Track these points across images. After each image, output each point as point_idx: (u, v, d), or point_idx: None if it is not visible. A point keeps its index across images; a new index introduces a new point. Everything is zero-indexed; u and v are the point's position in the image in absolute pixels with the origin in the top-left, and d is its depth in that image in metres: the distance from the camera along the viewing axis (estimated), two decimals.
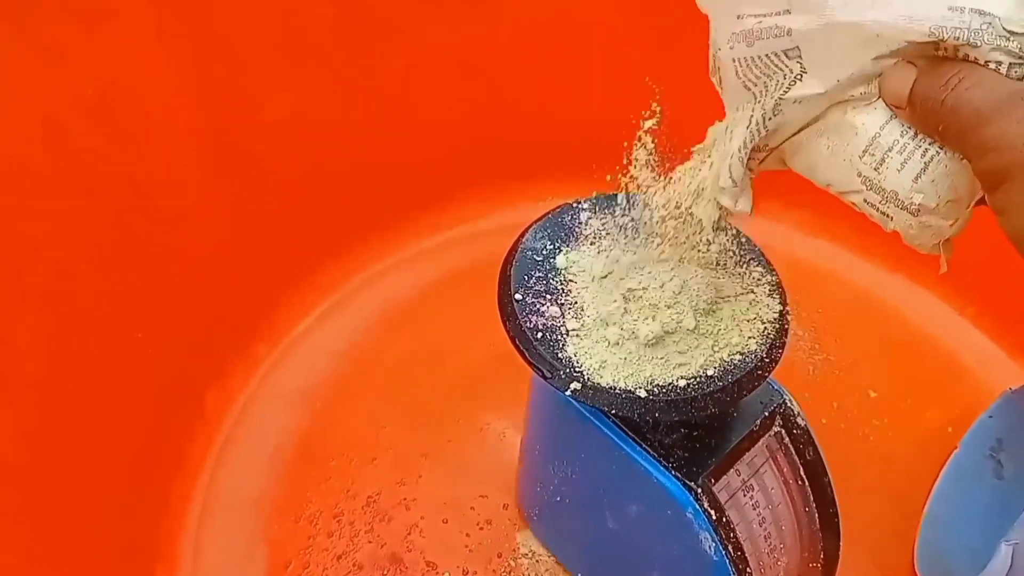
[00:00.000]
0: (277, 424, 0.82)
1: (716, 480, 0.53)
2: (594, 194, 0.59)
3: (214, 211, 0.84)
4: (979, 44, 0.38)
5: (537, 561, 0.72)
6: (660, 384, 0.49)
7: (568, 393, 0.50)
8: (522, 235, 0.57)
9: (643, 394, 0.49)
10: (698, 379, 0.50)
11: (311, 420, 0.82)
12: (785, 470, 0.56)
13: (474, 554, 0.73)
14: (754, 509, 0.55)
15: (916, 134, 0.42)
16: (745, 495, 0.54)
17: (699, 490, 0.52)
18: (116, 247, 0.75)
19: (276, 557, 0.73)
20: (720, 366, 0.50)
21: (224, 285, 0.84)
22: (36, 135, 0.69)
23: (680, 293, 0.51)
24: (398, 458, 0.79)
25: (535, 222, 0.57)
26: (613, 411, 0.50)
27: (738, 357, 0.51)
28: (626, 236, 0.55)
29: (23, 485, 0.64)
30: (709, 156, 0.50)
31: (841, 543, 0.60)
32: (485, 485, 0.77)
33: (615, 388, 0.49)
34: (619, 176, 0.53)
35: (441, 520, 0.75)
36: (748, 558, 0.54)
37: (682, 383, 0.49)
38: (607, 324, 0.51)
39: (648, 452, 0.54)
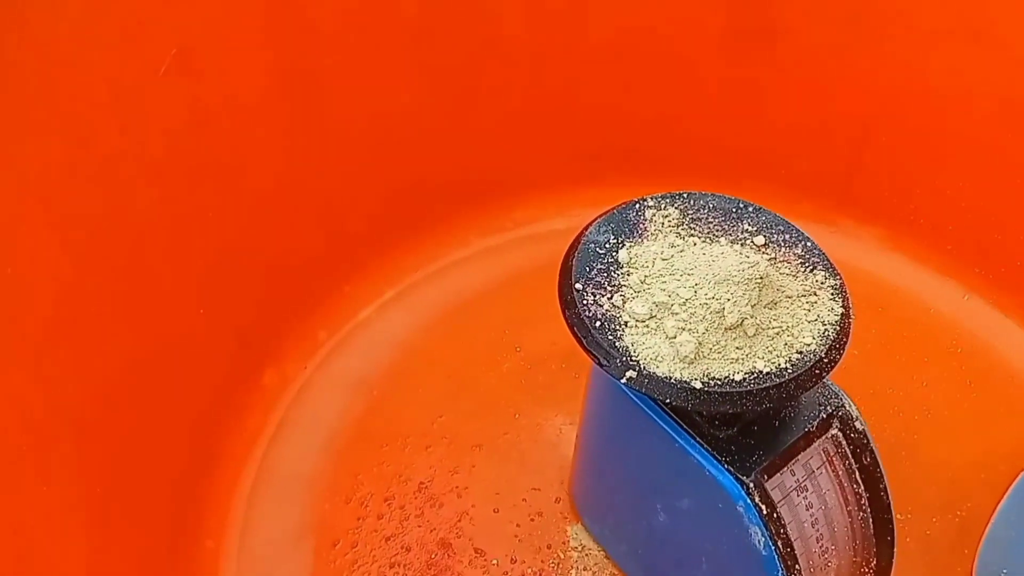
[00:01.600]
0: (333, 408, 0.84)
1: (769, 477, 0.55)
2: None
3: (286, 194, 0.86)
4: None
5: (586, 555, 0.74)
6: (716, 377, 0.51)
7: (623, 381, 0.51)
8: (586, 228, 0.58)
9: (698, 385, 0.50)
10: (754, 374, 0.51)
11: (367, 406, 0.84)
12: (841, 474, 0.57)
13: (523, 544, 0.75)
14: (807, 510, 0.56)
15: None
16: (799, 495, 0.56)
17: (751, 484, 0.54)
18: (186, 222, 0.77)
19: (325, 536, 0.76)
20: (777, 363, 0.52)
21: (288, 269, 0.87)
22: (109, 110, 0.71)
23: (741, 288, 0.53)
24: (452, 447, 0.81)
25: (600, 216, 0.59)
26: (667, 401, 0.51)
27: (796, 355, 0.52)
28: (690, 232, 0.57)
29: (77, 453, 0.67)
30: None
31: (895, 552, 0.61)
32: (538, 478, 0.79)
33: (670, 378, 0.51)
34: None
35: (492, 509, 0.77)
36: (798, 556, 0.55)
37: (738, 377, 0.51)
38: (666, 317, 0.53)
39: (702, 445, 0.55)
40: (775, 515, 0.54)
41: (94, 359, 0.69)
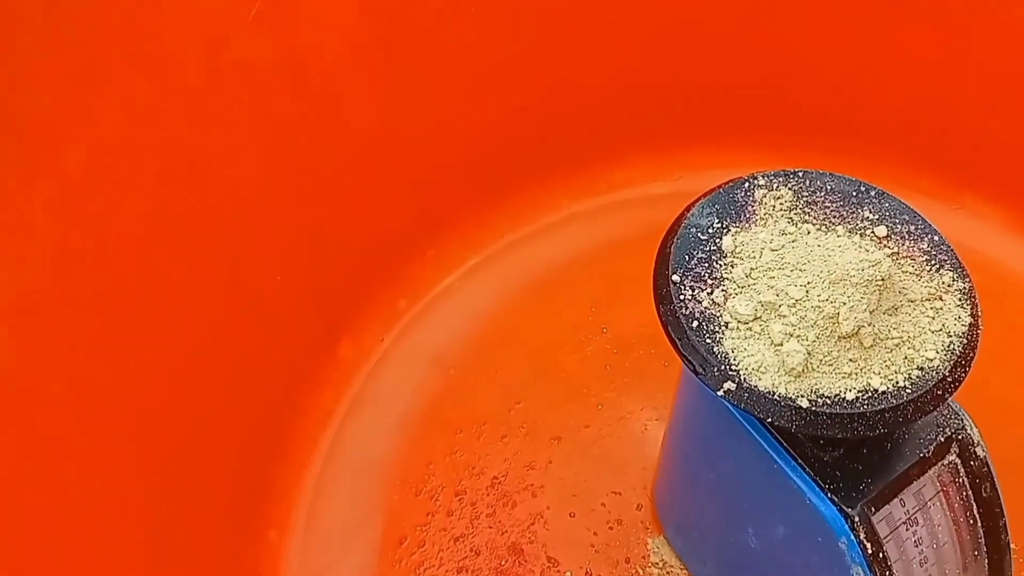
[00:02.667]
0: (409, 386, 0.83)
1: (877, 509, 0.51)
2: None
3: (371, 151, 0.85)
4: None
5: (667, 572, 0.72)
6: (825, 394, 0.48)
7: (720, 393, 0.48)
8: (687, 209, 0.55)
9: (805, 404, 0.47)
10: (868, 393, 0.48)
11: (444, 385, 0.83)
12: (956, 506, 0.54)
13: (600, 555, 0.73)
14: (916, 547, 0.53)
15: None
16: (908, 529, 0.52)
17: (856, 518, 0.51)
18: (266, 178, 0.77)
19: (392, 530, 0.75)
20: (895, 380, 0.48)
21: (372, 232, 0.86)
22: (196, 56, 0.71)
23: (860, 291, 0.49)
24: (529, 438, 0.79)
25: (703, 196, 0.56)
26: (768, 419, 0.48)
27: (917, 372, 0.49)
28: (804, 218, 0.54)
29: (136, 432, 0.66)
30: None
31: None
32: (620, 480, 0.76)
33: (774, 393, 0.48)
34: None
35: (568, 513, 0.75)
36: None
37: (850, 395, 0.48)
38: (772, 319, 0.49)
39: (803, 469, 0.52)
40: (881, 555, 0.51)
41: (159, 329, 0.69)
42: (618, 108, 0.95)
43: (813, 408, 0.47)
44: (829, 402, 0.48)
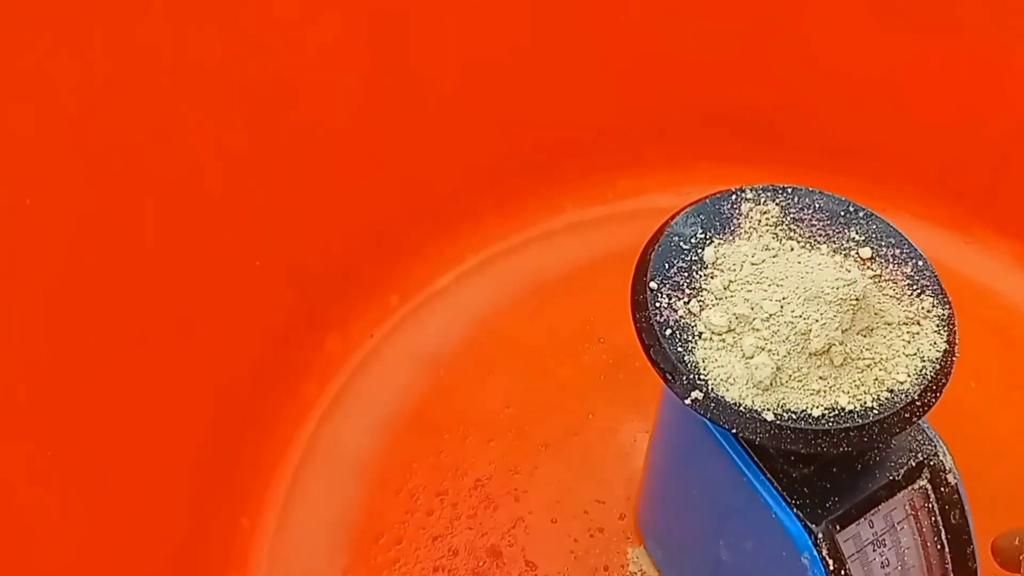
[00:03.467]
0: (396, 384, 0.84)
1: (842, 528, 0.53)
2: None
3: (367, 139, 0.86)
4: None
5: None
6: (792, 409, 0.49)
7: (687, 402, 0.49)
8: (672, 218, 0.56)
9: (770, 417, 0.48)
10: (835, 411, 0.49)
11: (432, 386, 0.84)
12: (925, 531, 0.55)
13: (579, 562, 0.74)
14: (883, 568, 0.54)
15: None
16: (875, 550, 0.54)
17: (820, 535, 0.52)
18: (252, 157, 0.78)
19: (369, 527, 0.76)
20: (863, 400, 0.49)
21: (366, 223, 0.87)
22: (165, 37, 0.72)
23: (833, 309, 0.50)
24: (517, 443, 0.80)
25: (689, 205, 0.57)
26: (733, 430, 0.49)
27: (886, 394, 0.50)
28: (789, 234, 0.55)
29: (99, 410, 0.67)
30: None
31: None
32: (604, 490, 0.77)
33: (739, 405, 0.49)
34: None
35: (550, 519, 0.76)
36: None
37: (817, 412, 0.49)
38: (745, 332, 0.51)
39: (771, 483, 0.53)
40: (843, 572, 0.52)
41: (135, 306, 0.70)
42: (632, 114, 0.96)
43: (778, 422, 0.48)
44: (794, 417, 0.48)
